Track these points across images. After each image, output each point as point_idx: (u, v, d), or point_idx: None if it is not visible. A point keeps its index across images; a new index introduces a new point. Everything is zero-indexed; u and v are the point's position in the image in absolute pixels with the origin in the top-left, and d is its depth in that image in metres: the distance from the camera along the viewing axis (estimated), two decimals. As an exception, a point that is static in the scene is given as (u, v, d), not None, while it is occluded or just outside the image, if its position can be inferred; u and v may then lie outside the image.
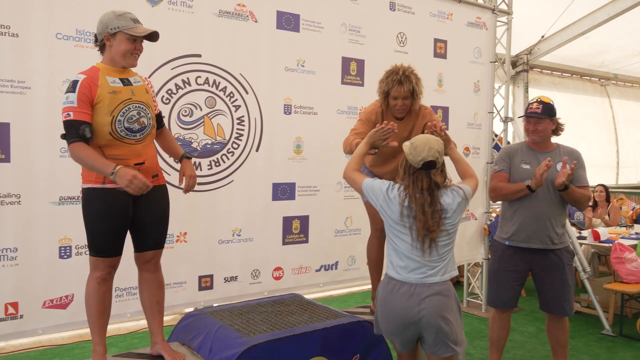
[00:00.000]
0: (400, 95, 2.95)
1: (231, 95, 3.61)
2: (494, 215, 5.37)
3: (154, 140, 2.68)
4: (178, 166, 3.35)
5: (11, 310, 2.95)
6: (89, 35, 3.10)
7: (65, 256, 3.09)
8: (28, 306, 3.00)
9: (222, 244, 3.62)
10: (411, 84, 2.94)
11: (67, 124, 2.33)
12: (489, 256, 5.19)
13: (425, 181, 2.42)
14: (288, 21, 3.84)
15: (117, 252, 2.49)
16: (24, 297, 2.99)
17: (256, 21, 3.70)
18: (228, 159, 3.62)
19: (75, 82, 2.36)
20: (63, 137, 2.37)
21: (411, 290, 2.39)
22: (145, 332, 4.45)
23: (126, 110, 2.41)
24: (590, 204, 6.39)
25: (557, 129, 3.28)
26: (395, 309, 2.42)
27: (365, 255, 3.41)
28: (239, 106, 3.65)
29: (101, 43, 2.47)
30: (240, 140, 3.67)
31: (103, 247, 2.44)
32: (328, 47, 4.04)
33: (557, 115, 3.26)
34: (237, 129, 3.66)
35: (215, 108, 3.55)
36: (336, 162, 3.54)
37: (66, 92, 2.37)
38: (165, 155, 3.13)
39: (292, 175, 3.91)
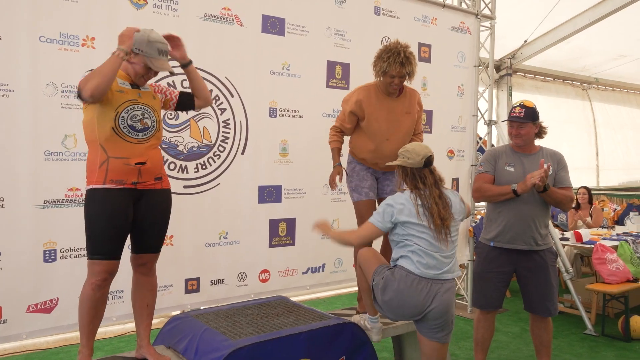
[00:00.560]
0: (398, 75, 3.11)
1: (217, 98, 3.62)
2: (478, 217, 5.43)
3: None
4: (168, 172, 3.39)
5: (-5, 315, 2.93)
6: (72, 39, 3.11)
7: (50, 260, 3.07)
8: (12, 311, 2.98)
9: (209, 247, 3.62)
10: (411, 66, 3.13)
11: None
12: (474, 257, 5.28)
13: (430, 177, 2.70)
14: (273, 25, 3.86)
15: (114, 255, 2.47)
16: (8, 302, 2.96)
17: (241, 25, 3.71)
18: (214, 162, 3.63)
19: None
20: (79, 96, 2.42)
21: (428, 287, 2.61)
22: (131, 336, 4.42)
23: (130, 108, 2.47)
24: (573, 205, 6.49)
25: (540, 132, 3.33)
26: (410, 301, 2.63)
27: (352, 257, 3.43)
28: (225, 109, 3.66)
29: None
30: (226, 143, 3.68)
31: (99, 248, 2.43)
32: (313, 51, 4.06)
33: (540, 119, 3.32)
34: (223, 132, 3.66)
35: (201, 111, 3.56)
36: (322, 165, 3.57)
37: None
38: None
39: (278, 178, 3.93)
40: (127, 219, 2.50)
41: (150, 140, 2.54)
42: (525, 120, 3.23)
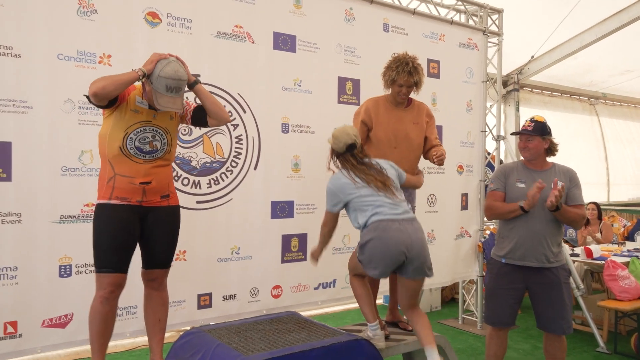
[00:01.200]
0: (406, 84, 3.28)
1: (229, 114, 3.66)
2: (487, 232, 5.43)
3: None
4: (181, 187, 3.42)
5: (10, 329, 2.95)
6: (90, 56, 3.17)
7: (65, 275, 3.10)
8: (27, 325, 3.00)
9: (221, 262, 3.64)
10: (419, 76, 3.30)
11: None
12: (484, 273, 5.27)
13: (352, 160, 2.98)
14: (285, 42, 3.92)
15: (120, 268, 2.51)
16: (24, 316, 2.99)
17: (253, 42, 3.77)
18: (227, 177, 3.66)
19: None
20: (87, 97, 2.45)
21: (401, 226, 2.84)
22: (142, 350, 4.43)
23: (141, 130, 2.50)
24: (583, 221, 6.45)
25: (552, 149, 3.33)
26: (392, 242, 2.82)
27: None
28: (237, 125, 3.70)
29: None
30: (239, 158, 3.71)
31: (105, 262, 2.48)
32: (324, 67, 4.11)
33: (552, 135, 3.31)
34: (236, 147, 3.70)
35: (214, 127, 3.60)
36: (333, 181, 3.58)
37: None
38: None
39: (291, 193, 3.95)
40: (132, 233, 2.53)
41: (158, 161, 2.58)
42: (534, 134, 3.25)
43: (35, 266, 3.01)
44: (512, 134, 3.77)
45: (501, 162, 5.80)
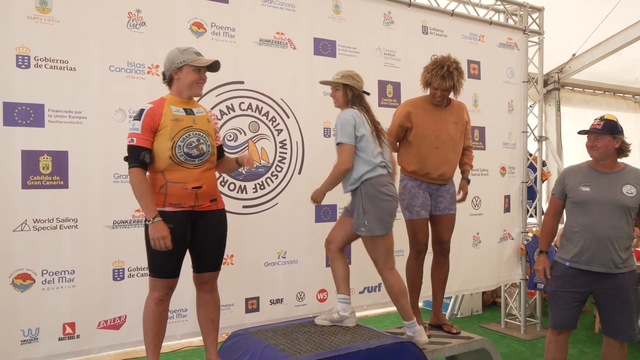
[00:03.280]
0: (440, 88, 3.27)
1: (273, 119, 3.73)
2: (530, 235, 5.33)
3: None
4: (227, 192, 3.49)
5: (69, 330, 3.07)
6: (139, 67, 3.27)
7: (118, 278, 3.21)
8: (84, 326, 3.12)
9: (268, 266, 3.70)
10: (452, 81, 3.26)
11: (130, 149, 2.53)
12: (527, 277, 5.18)
13: (365, 105, 3.17)
14: (325, 47, 3.96)
15: (174, 273, 2.60)
16: (81, 318, 3.11)
17: (295, 48, 3.82)
18: (272, 182, 3.72)
19: (141, 111, 2.56)
20: (126, 159, 2.57)
21: (390, 179, 3.16)
22: (187, 351, 4.54)
23: (186, 136, 2.57)
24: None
25: (623, 149, 3.18)
26: (394, 194, 3.09)
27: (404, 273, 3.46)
28: (281, 130, 3.76)
29: (169, 77, 2.66)
30: (283, 163, 3.77)
31: (160, 269, 2.57)
32: (364, 71, 4.06)
33: (624, 135, 3.17)
34: (280, 152, 3.76)
35: (258, 132, 3.67)
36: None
37: (133, 120, 2.57)
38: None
39: (334, 197, 3.94)
40: (184, 239, 2.61)
41: (206, 164, 2.66)
42: (603, 132, 3.10)
43: (90, 270, 3.13)
44: (579, 132, 3.30)
45: (544, 163, 5.70)
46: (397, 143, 3.54)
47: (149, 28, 3.29)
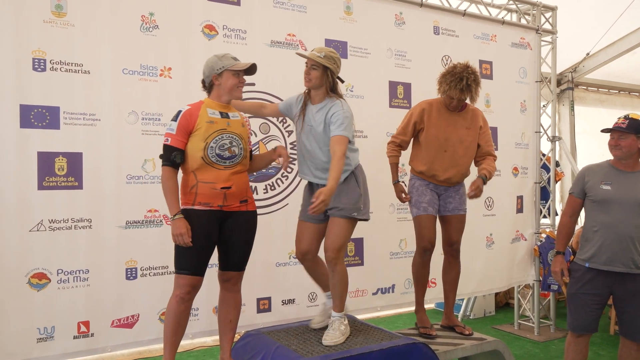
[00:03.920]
0: (457, 98, 3.27)
1: (284, 121, 3.75)
2: (543, 236, 5.29)
3: None
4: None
5: (83, 328, 3.12)
6: (151, 70, 3.31)
7: (131, 277, 3.25)
8: (98, 325, 3.17)
9: (279, 267, 3.72)
10: (471, 93, 3.26)
11: (165, 148, 2.64)
12: (540, 278, 5.14)
13: (341, 92, 3.03)
14: (336, 48, 3.96)
15: (198, 271, 2.66)
16: (95, 317, 3.16)
17: (306, 49, 3.84)
18: (282, 182, 3.74)
19: (178, 113, 2.66)
20: (160, 157, 2.67)
21: None
22: (199, 351, 4.58)
23: (219, 138, 2.66)
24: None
25: None
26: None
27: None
28: (292, 131, 3.78)
29: (210, 84, 2.75)
30: (294, 164, 3.78)
31: (185, 264, 2.63)
32: (375, 72, 4.14)
33: None
34: (291, 153, 3.77)
35: (269, 134, 3.70)
36: (387, 184, 3.59)
37: (171, 120, 2.67)
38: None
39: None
40: (211, 239, 2.66)
41: (237, 166, 2.73)
42: (627, 131, 3.05)
43: (104, 269, 3.18)
44: (603, 130, 3.24)
45: (557, 163, 5.65)
46: (409, 141, 3.53)
47: (161, 31, 3.34)
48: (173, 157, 2.63)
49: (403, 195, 3.51)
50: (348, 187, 2.97)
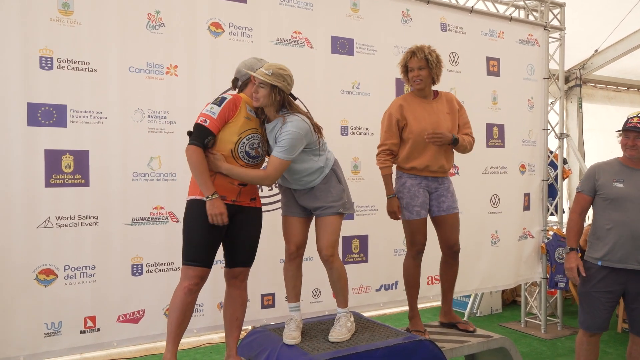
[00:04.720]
0: (416, 66, 3.21)
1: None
2: (550, 233, 5.27)
3: None
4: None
5: (90, 323, 3.15)
6: (157, 68, 3.32)
7: (137, 273, 3.27)
8: (104, 320, 3.20)
9: (283, 263, 3.70)
10: (423, 53, 3.20)
11: (199, 128, 2.61)
12: (547, 275, 5.11)
13: (301, 104, 3.03)
14: (343, 45, 3.97)
15: (206, 263, 2.66)
16: (101, 312, 3.19)
17: (312, 47, 3.84)
18: (287, 180, 3.74)
19: (223, 99, 2.65)
20: (189, 134, 2.64)
21: None
22: (206, 348, 4.60)
23: (252, 136, 2.69)
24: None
25: None
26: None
27: (424, 275, 3.43)
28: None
29: (245, 82, 2.80)
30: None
31: (194, 256, 2.63)
32: (382, 69, 4.13)
33: None
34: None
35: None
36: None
37: (212, 103, 2.64)
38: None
39: (351, 195, 3.95)
40: (221, 231, 2.67)
41: (256, 166, 2.77)
42: None
43: (110, 265, 3.20)
44: (618, 131, 3.18)
45: (565, 161, 5.62)
46: (399, 143, 3.36)
47: (167, 29, 3.34)
48: (207, 141, 2.59)
49: (397, 213, 3.32)
50: (330, 185, 2.98)
